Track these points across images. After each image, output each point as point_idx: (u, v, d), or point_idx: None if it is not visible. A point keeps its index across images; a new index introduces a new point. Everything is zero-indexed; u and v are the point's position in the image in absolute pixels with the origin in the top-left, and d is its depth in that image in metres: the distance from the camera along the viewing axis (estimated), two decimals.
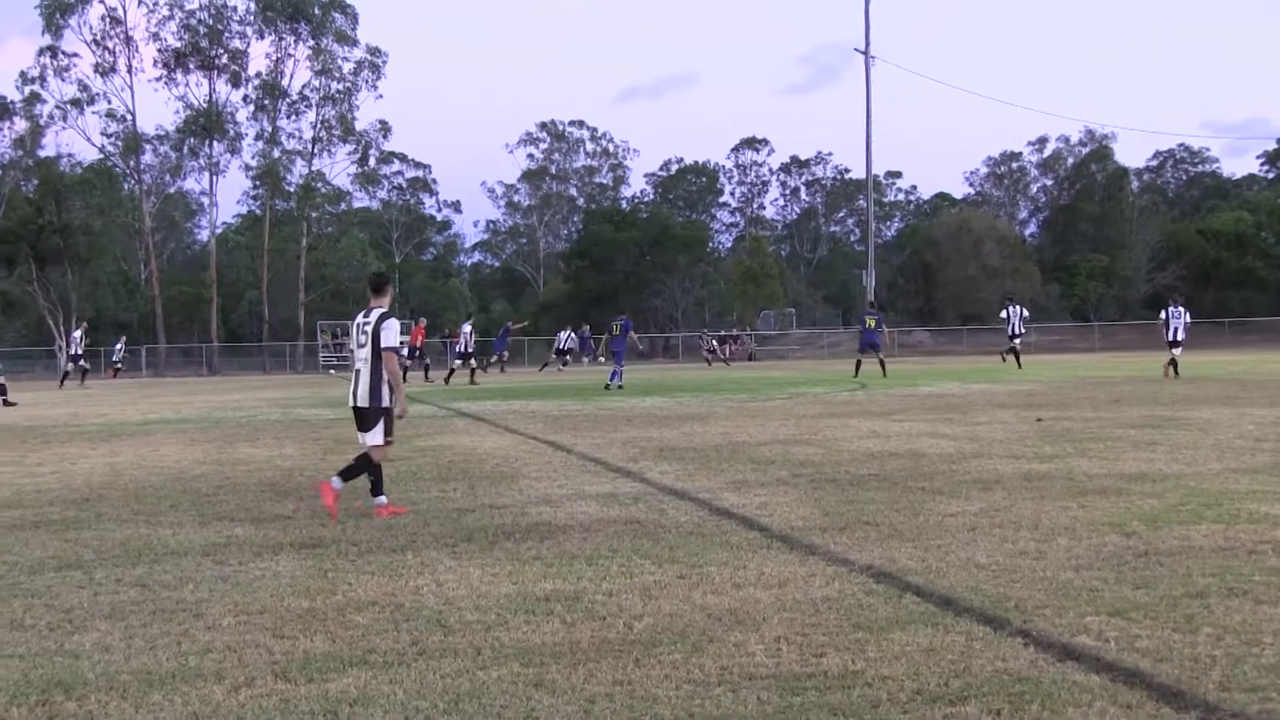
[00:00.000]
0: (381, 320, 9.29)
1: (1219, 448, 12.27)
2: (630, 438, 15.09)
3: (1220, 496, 8.90)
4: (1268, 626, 5.19)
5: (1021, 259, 77.14)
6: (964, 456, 12.04)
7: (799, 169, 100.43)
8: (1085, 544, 7.18)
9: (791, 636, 5.24)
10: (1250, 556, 6.70)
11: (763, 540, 7.65)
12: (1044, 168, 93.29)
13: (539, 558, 7.23)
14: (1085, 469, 10.77)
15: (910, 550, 7.13)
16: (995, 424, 15.72)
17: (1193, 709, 4.18)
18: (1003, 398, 21.45)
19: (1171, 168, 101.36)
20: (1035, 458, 11.79)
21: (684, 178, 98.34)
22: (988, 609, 5.62)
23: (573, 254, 78.23)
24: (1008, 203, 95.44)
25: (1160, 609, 5.53)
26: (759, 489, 10.07)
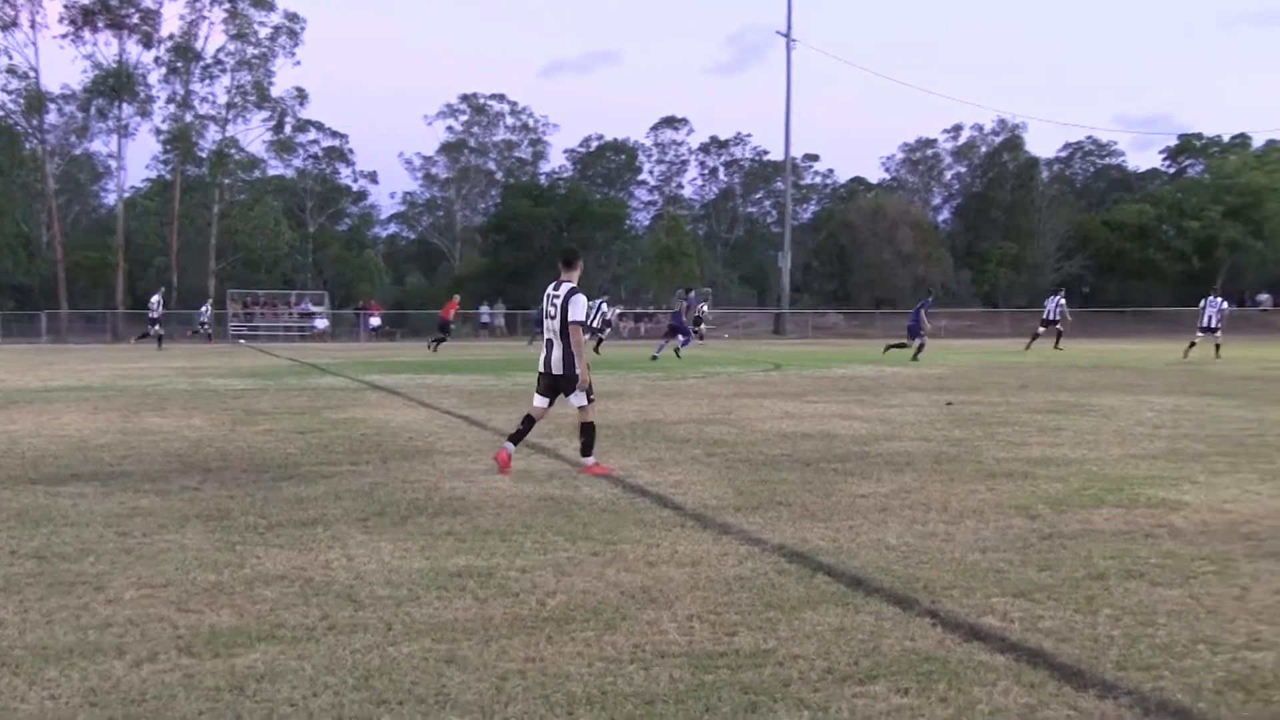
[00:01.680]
0: (570, 295, 9.77)
1: (1120, 434, 12.54)
2: None
3: (1121, 481, 9.10)
4: (1162, 607, 5.33)
5: (935, 244, 77.94)
6: (875, 438, 12.19)
7: (718, 149, 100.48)
8: (992, 526, 7.31)
9: (704, 615, 5.28)
10: (1148, 540, 6.86)
11: (676, 519, 7.69)
12: (958, 155, 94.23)
13: (452, 533, 7.20)
14: (993, 453, 10.96)
15: (822, 530, 7.21)
16: (907, 407, 15.92)
17: (1091, 688, 4.28)
18: (914, 381, 21.71)
19: (1080, 159, 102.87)
20: (945, 441, 11.97)
21: (603, 155, 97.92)
22: (897, 589, 5.71)
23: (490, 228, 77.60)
24: (922, 189, 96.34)
25: (1063, 590, 5.65)
26: (673, 467, 10.12)
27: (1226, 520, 7.50)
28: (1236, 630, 4.98)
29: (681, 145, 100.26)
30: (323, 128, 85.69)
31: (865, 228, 76.01)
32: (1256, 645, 4.76)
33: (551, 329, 9.92)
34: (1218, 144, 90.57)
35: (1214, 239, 77.79)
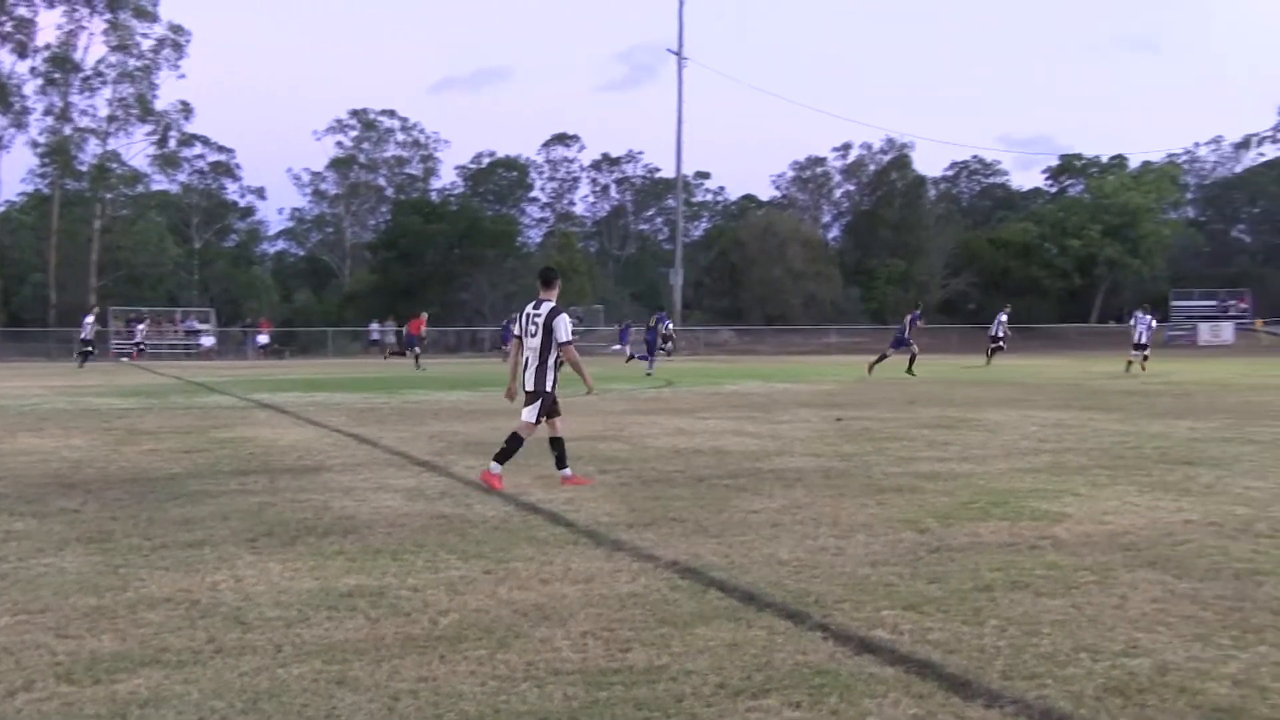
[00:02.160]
0: (552, 315, 10.00)
1: (1006, 448, 12.81)
2: (436, 432, 14.98)
3: (1006, 494, 9.30)
4: (1046, 618, 5.45)
5: (825, 262, 78.89)
6: (767, 454, 12.30)
7: (610, 166, 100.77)
8: (882, 540, 7.42)
9: (598, 632, 5.29)
10: (1032, 551, 7.02)
11: (569, 536, 7.69)
12: (847, 173, 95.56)
13: (342, 553, 7.12)
14: (883, 467, 11.12)
15: (714, 546, 7.26)
16: (797, 423, 16.09)
17: (978, 697, 4.37)
18: (805, 397, 21.95)
19: (966, 178, 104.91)
20: (835, 456, 12.12)
21: (495, 172, 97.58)
22: (789, 604, 5.76)
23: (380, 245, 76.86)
24: (812, 206, 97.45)
25: (951, 602, 5.75)
26: (567, 485, 10.11)
27: (1106, 531, 7.70)
28: (1116, 638, 5.11)
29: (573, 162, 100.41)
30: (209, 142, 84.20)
31: (756, 245, 76.70)
32: (1134, 652, 4.90)
33: (531, 346, 10.13)
34: (1097, 164, 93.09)
35: (1094, 257, 79.92)
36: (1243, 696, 4.34)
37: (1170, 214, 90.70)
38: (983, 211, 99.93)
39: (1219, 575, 6.34)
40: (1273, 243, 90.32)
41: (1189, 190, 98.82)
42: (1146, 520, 8.12)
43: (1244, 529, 7.75)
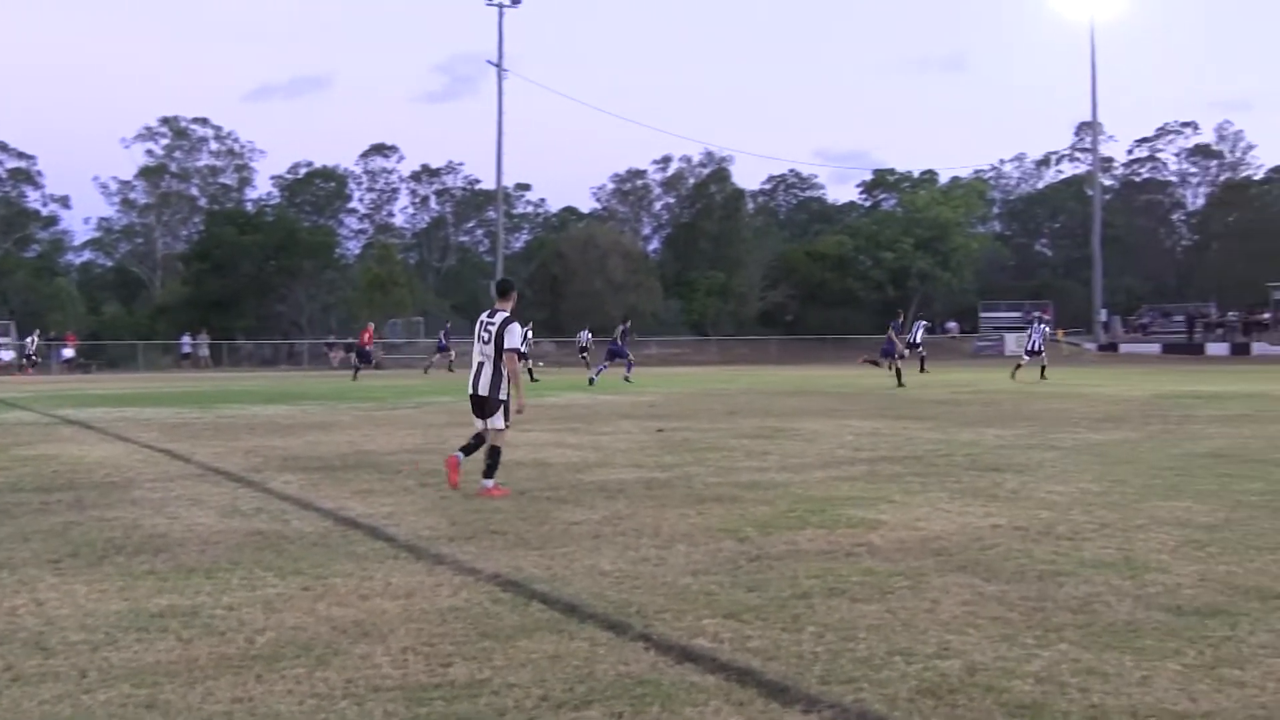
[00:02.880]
0: (505, 324, 10.25)
1: (823, 457, 13.10)
2: (252, 446, 14.64)
3: (824, 503, 9.50)
4: (862, 623, 5.60)
5: (645, 274, 79.51)
6: (588, 466, 12.35)
7: (430, 178, 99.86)
8: (703, 550, 7.51)
9: (418, 647, 5.24)
10: (849, 558, 7.19)
11: (390, 550, 7.60)
12: (667, 186, 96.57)
13: (153, 572, 6.91)
14: (703, 477, 11.26)
15: (536, 558, 7.26)
16: (619, 434, 16.19)
17: (797, 703, 4.46)
18: (626, 408, 22.09)
19: (783, 192, 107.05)
20: (656, 466, 12.23)
21: (312, 182, 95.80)
22: (611, 615, 5.80)
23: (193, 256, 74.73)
24: (632, 219, 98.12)
25: (770, 610, 5.86)
26: (386, 498, 9.99)
27: (919, 537, 7.93)
28: (928, 641, 5.27)
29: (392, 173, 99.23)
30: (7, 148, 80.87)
31: (577, 257, 76.95)
32: (946, 654, 5.06)
33: (484, 353, 10.39)
34: (909, 179, 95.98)
35: (907, 269, 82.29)
36: (1045, 693, 4.52)
37: (978, 228, 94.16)
38: (800, 224, 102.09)
39: (1024, 577, 6.59)
40: (1072, 256, 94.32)
41: (995, 205, 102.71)
42: (957, 525, 8.40)
43: (1046, 532, 8.07)
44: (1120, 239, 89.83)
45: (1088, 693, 4.51)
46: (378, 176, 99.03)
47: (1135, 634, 5.37)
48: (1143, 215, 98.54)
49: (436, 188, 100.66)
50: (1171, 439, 14.98)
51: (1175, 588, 6.30)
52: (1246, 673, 4.76)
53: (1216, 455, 12.97)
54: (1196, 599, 6.04)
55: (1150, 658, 4.98)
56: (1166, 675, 4.74)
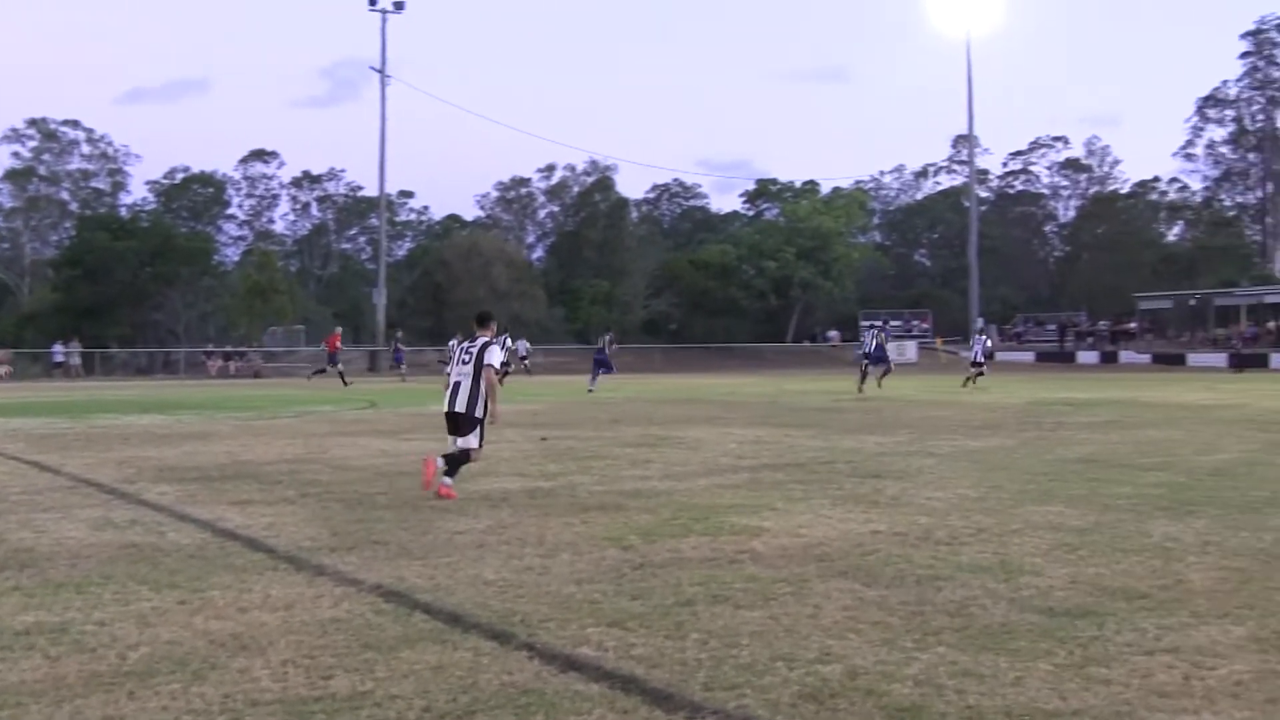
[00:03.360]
0: (486, 346, 10.92)
1: (706, 465, 13.19)
2: (126, 457, 14.29)
3: (707, 510, 9.57)
4: (745, 629, 5.65)
5: (529, 282, 79.35)
6: (472, 475, 12.26)
7: (311, 184, 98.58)
8: (587, 558, 7.52)
9: (299, 659, 5.16)
10: (732, 565, 7.25)
11: (269, 562, 7.48)
12: (551, 194, 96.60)
13: (18, 588, 6.70)
14: (587, 486, 11.27)
15: (419, 568, 7.20)
16: (502, 443, 16.11)
17: (681, 709, 4.49)
18: (509, 417, 21.99)
19: (667, 200, 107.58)
20: (540, 475, 12.21)
21: (189, 187, 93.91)
22: (495, 624, 5.77)
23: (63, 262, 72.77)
24: (516, 227, 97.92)
25: (654, 618, 5.88)
26: (265, 509, 9.83)
27: (802, 544, 8.02)
28: (810, 646, 5.34)
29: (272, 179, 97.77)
30: None
31: (460, 265, 76.51)
32: (827, 659, 5.13)
33: (464, 373, 10.93)
34: (791, 189, 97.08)
35: (789, 279, 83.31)
36: (923, 695, 4.60)
37: (859, 238, 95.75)
38: (684, 233, 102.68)
39: (903, 582, 6.70)
40: (950, 266, 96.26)
41: (875, 216, 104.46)
42: (838, 532, 8.51)
43: (925, 537, 8.22)
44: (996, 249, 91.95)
45: (964, 694, 4.61)
46: (258, 182, 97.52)
47: (1010, 635, 5.49)
48: (1017, 226, 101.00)
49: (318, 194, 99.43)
50: (1045, 445, 15.36)
51: (1048, 590, 6.46)
52: (1113, 671, 4.90)
53: (1087, 461, 13.33)
54: (1067, 600, 6.20)
55: (1024, 658, 5.10)
56: (1039, 675, 4.86)
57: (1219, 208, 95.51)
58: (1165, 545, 7.82)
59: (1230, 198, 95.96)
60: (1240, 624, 5.67)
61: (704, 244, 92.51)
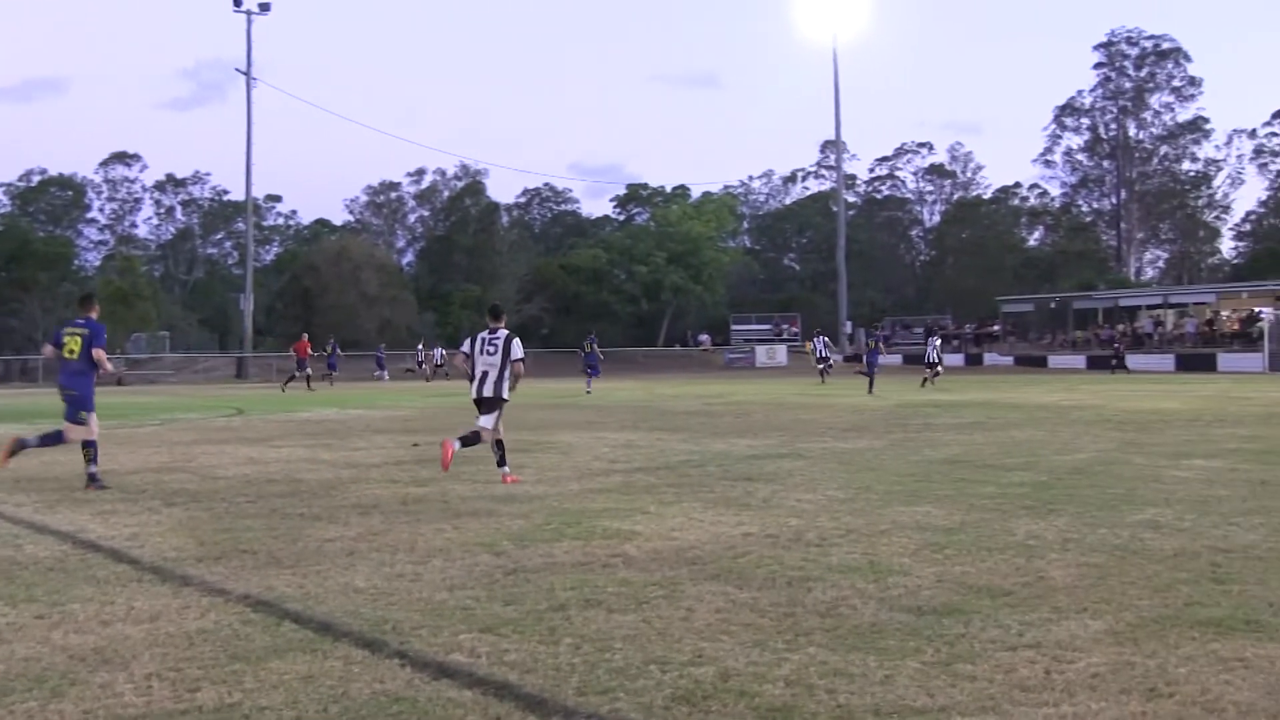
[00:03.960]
0: (509, 339, 12.43)
1: (578, 469, 13.20)
2: None
3: (580, 515, 9.58)
4: (618, 633, 5.66)
5: (399, 287, 78.80)
6: (342, 482, 12.13)
7: (175, 188, 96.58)
8: (459, 564, 7.47)
9: (164, 673, 5.05)
10: (604, 569, 7.27)
11: (133, 573, 7.30)
12: (421, 199, 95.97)
13: None
14: (459, 491, 11.20)
15: (289, 577, 7.09)
16: (373, 449, 15.96)
17: (554, 715, 4.48)
18: (380, 423, 21.79)
19: (538, 205, 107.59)
20: (412, 482, 12.10)
21: (47, 190, 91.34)
22: (366, 632, 5.71)
23: None
24: (386, 231, 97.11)
25: (527, 623, 5.87)
26: (129, 519, 9.59)
27: (674, 547, 8.07)
28: (683, 649, 5.37)
29: (135, 182, 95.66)
30: None
31: (330, 270, 75.63)
32: (700, 661, 5.17)
33: (490, 363, 12.38)
34: (662, 194, 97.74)
35: (660, 283, 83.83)
36: (794, 696, 4.66)
37: (729, 243, 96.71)
38: (555, 238, 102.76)
39: (774, 584, 6.78)
40: (819, 270, 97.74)
41: (745, 220, 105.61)
42: (710, 535, 8.58)
43: (796, 539, 8.33)
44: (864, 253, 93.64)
45: (835, 694, 4.68)
46: (119, 186, 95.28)
47: (879, 635, 5.59)
48: (884, 231, 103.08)
49: (183, 198, 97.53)
50: (912, 446, 15.67)
51: (916, 589, 6.59)
52: (978, 667, 5.02)
53: (953, 461, 13.63)
54: (935, 599, 6.33)
55: (893, 657, 5.20)
56: (907, 673, 4.95)
57: (1077, 213, 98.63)
58: (1028, 543, 8.03)
59: (1087, 204, 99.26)
60: (1098, 618, 5.85)
61: (575, 248, 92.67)
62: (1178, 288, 79.58)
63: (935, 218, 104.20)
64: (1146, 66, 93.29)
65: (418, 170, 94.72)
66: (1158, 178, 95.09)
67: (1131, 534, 8.36)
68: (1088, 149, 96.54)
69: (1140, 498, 10.25)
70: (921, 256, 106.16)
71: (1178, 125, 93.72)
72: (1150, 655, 5.17)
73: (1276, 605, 6.08)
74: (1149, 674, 4.89)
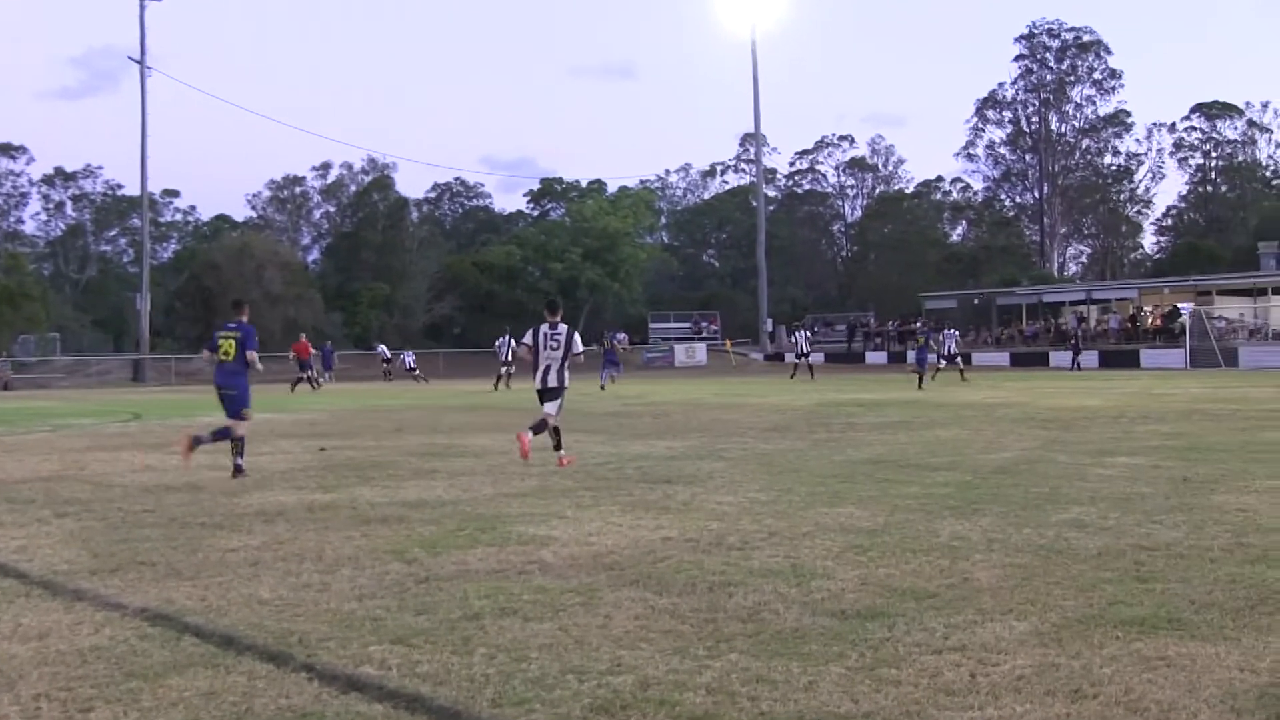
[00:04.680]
0: (570, 333, 14.14)
1: (492, 473, 13.15)
2: None
3: (494, 520, 9.55)
4: (534, 642, 5.65)
5: (304, 285, 77.92)
6: (245, 489, 11.99)
7: (65, 181, 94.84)
8: (369, 573, 7.42)
9: (54, 693, 4.95)
10: (520, 576, 7.25)
11: (20, 588, 7.15)
12: (327, 194, 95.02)
13: None
14: (368, 497, 11.12)
15: (189, 589, 6.99)
16: (278, 454, 15.80)
17: None
18: (285, 427, 21.56)
19: (449, 200, 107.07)
20: (319, 488, 11.99)
21: None
22: (271, 646, 5.65)
23: None
24: (290, 228, 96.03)
25: (440, 633, 5.84)
26: (16, 531, 9.40)
27: (591, 552, 8.07)
28: (601, 658, 5.37)
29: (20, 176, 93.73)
30: None
31: (231, 268, 74.63)
32: (618, 670, 5.17)
33: (552, 357, 14.00)
34: (577, 189, 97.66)
35: (576, 280, 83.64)
36: (716, 703, 4.68)
37: (646, 239, 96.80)
38: (466, 234, 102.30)
39: (695, 589, 6.80)
40: (739, 266, 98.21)
41: (663, 216, 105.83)
42: (629, 539, 8.59)
43: (717, 543, 8.37)
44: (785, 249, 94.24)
45: (757, 700, 4.70)
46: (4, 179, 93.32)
47: (802, 640, 5.63)
48: (805, 226, 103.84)
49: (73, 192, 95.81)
50: (835, 447, 15.81)
51: (839, 593, 6.65)
52: (902, 671, 5.08)
53: (876, 462, 13.77)
54: (858, 603, 6.39)
55: (816, 662, 5.24)
56: (831, 679, 4.99)
57: (1000, 208, 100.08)
58: (952, 544, 8.14)
59: (1010, 198, 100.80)
60: (1023, 619, 5.94)
61: (488, 245, 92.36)
62: (1101, 283, 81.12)
63: (857, 213, 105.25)
64: (1068, 59, 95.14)
65: (323, 164, 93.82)
66: (1080, 171, 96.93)
67: (1056, 533, 8.50)
68: (1010, 142, 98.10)
69: (1065, 496, 10.43)
70: (843, 252, 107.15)
71: (1099, 118, 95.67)
72: (1075, 656, 5.26)
73: (1199, 603, 6.22)
74: (1074, 675, 4.97)
